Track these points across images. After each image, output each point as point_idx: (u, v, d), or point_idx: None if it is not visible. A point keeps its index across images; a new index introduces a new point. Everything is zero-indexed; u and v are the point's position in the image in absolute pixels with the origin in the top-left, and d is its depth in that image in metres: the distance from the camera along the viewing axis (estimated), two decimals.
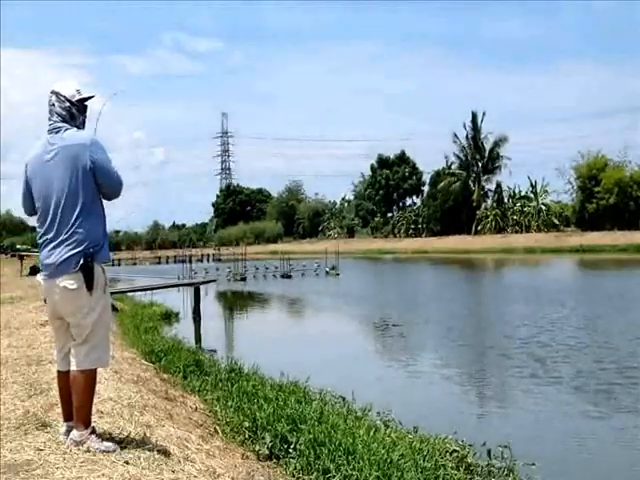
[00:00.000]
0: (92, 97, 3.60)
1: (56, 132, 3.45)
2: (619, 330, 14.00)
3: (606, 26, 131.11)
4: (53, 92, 3.51)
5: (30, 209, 3.58)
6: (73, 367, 3.40)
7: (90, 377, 3.42)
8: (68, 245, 3.35)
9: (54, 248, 3.37)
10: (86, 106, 3.59)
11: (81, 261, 3.33)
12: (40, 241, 3.47)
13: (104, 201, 3.55)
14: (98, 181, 3.42)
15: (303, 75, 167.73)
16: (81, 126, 3.55)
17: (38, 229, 3.50)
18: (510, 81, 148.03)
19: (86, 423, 3.40)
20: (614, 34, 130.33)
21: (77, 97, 3.53)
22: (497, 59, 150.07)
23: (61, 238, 3.36)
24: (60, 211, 3.36)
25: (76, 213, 3.36)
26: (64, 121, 3.47)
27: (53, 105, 3.49)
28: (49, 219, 3.39)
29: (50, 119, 3.49)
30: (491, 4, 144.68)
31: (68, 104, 3.49)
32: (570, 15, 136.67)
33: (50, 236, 3.39)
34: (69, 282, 3.33)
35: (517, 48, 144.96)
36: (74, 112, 3.51)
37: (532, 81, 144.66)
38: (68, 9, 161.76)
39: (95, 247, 3.38)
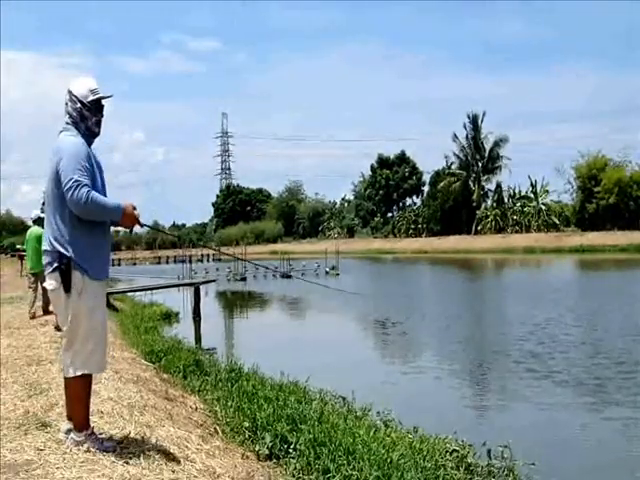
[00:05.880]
0: (109, 97, 3.49)
1: (60, 132, 3.44)
2: (619, 330, 13.99)
3: (606, 26, 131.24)
4: (68, 91, 3.45)
5: None
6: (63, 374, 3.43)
7: (78, 384, 3.35)
8: (48, 246, 3.36)
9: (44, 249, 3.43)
10: (102, 106, 3.49)
11: (55, 263, 3.31)
12: None
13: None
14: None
15: (303, 75, 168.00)
16: (94, 127, 3.46)
17: None
18: (510, 81, 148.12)
19: (82, 428, 3.39)
20: (614, 34, 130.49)
21: (90, 97, 3.42)
22: (497, 59, 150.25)
23: (46, 238, 3.39)
24: (47, 213, 3.40)
25: (55, 216, 3.34)
26: (74, 122, 3.42)
27: (66, 104, 3.44)
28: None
29: (65, 118, 3.45)
30: (491, 4, 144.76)
31: (79, 105, 3.41)
32: (570, 15, 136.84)
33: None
34: (49, 282, 3.36)
35: (517, 48, 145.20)
36: (85, 113, 3.42)
37: (532, 81, 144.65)
38: (68, 10, 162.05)
39: (73, 253, 3.29)
